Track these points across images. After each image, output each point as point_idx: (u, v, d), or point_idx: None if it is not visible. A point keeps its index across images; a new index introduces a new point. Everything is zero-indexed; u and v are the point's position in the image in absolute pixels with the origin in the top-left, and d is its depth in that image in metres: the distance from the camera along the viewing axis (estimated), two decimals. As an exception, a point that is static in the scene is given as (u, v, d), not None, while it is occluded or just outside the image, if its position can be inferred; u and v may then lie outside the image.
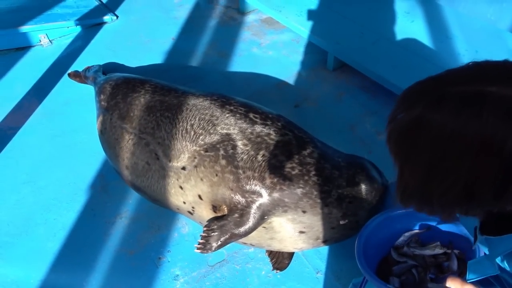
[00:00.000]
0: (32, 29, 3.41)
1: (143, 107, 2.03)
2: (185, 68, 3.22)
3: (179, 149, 1.81)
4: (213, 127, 1.79)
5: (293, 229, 1.69)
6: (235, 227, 1.63)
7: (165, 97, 2.03)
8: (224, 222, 1.65)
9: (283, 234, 1.72)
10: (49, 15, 3.59)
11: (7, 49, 3.40)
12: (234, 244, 1.82)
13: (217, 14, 3.87)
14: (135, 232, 2.12)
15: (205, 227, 1.67)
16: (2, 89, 3.04)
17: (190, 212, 1.87)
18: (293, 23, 3.27)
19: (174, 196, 1.85)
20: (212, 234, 1.64)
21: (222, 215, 1.71)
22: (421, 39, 2.92)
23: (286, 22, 3.37)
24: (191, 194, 1.79)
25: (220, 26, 3.70)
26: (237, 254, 2.00)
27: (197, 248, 1.66)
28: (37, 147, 2.59)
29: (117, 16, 3.81)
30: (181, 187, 1.81)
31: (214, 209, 1.74)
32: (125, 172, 2.04)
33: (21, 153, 2.56)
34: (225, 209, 1.70)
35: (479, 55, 2.57)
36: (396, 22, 3.08)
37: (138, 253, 2.03)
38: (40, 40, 3.46)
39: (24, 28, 3.39)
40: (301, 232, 1.70)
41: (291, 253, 1.95)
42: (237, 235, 1.64)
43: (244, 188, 1.64)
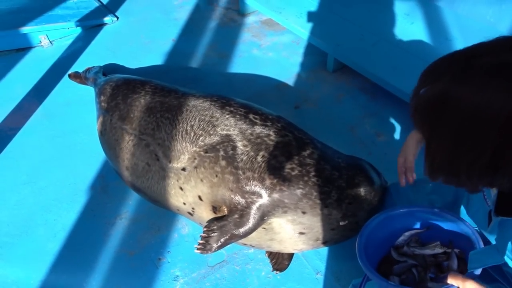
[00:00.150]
0: (32, 30, 3.42)
1: (143, 108, 2.03)
2: (185, 69, 3.23)
3: (179, 150, 1.81)
4: (213, 128, 1.79)
5: (293, 230, 1.69)
6: (235, 227, 1.63)
7: (165, 98, 2.03)
8: (224, 223, 1.65)
9: (283, 235, 1.72)
10: (49, 16, 3.60)
11: (7, 50, 3.41)
12: (234, 245, 1.82)
13: (217, 15, 3.88)
14: (135, 233, 2.12)
15: (205, 228, 1.67)
16: (2, 90, 3.05)
17: (190, 213, 1.87)
18: (293, 25, 3.28)
19: (174, 197, 1.86)
20: (212, 234, 1.64)
21: (222, 215, 1.71)
22: (420, 40, 2.92)
23: (286, 24, 3.38)
24: (191, 195, 1.79)
25: (220, 27, 3.71)
26: (237, 255, 2.01)
27: (197, 249, 1.66)
28: (37, 147, 2.60)
29: (117, 18, 3.82)
30: (181, 188, 1.81)
31: (214, 210, 1.75)
32: (125, 173, 2.04)
33: (21, 153, 2.57)
34: (225, 210, 1.70)
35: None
36: (396, 24, 3.09)
37: (138, 254, 2.03)
38: (40, 41, 3.47)
39: (24, 29, 3.40)
40: (301, 233, 1.70)
41: (291, 254, 1.95)
42: (237, 236, 1.64)
43: (244, 189, 1.64)
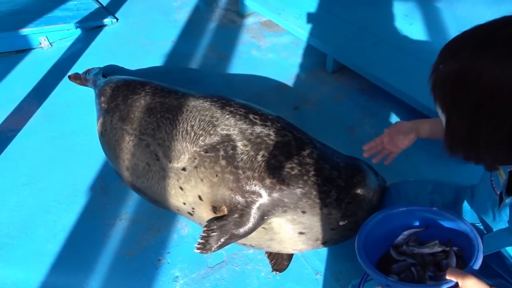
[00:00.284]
0: (32, 32, 3.43)
1: (144, 109, 2.03)
2: (185, 71, 3.23)
3: (180, 150, 1.81)
4: (213, 128, 1.80)
5: (292, 230, 1.69)
6: (235, 227, 1.63)
7: (165, 98, 2.04)
8: (224, 223, 1.65)
9: (283, 235, 1.72)
10: (49, 18, 3.60)
11: (7, 51, 3.42)
12: (233, 245, 1.82)
13: (216, 16, 3.89)
14: (134, 234, 2.12)
15: (205, 227, 1.67)
16: (2, 91, 3.05)
17: (190, 213, 1.87)
18: (292, 26, 3.29)
19: (174, 197, 1.86)
20: (212, 234, 1.64)
21: (222, 215, 1.71)
22: (420, 41, 2.93)
23: (285, 25, 3.39)
24: (191, 195, 1.79)
25: (219, 28, 3.72)
26: (237, 256, 2.00)
27: (197, 248, 1.65)
28: (37, 149, 2.60)
29: (117, 19, 3.83)
30: (181, 188, 1.81)
31: (214, 209, 1.75)
32: (126, 173, 2.04)
33: (21, 155, 2.57)
34: (225, 209, 1.70)
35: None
36: (395, 25, 3.10)
37: (137, 254, 2.03)
38: (40, 43, 3.47)
39: (24, 31, 3.40)
40: (301, 233, 1.70)
41: (290, 255, 1.95)
42: (237, 236, 1.64)
43: (244, 188, 1.64)
